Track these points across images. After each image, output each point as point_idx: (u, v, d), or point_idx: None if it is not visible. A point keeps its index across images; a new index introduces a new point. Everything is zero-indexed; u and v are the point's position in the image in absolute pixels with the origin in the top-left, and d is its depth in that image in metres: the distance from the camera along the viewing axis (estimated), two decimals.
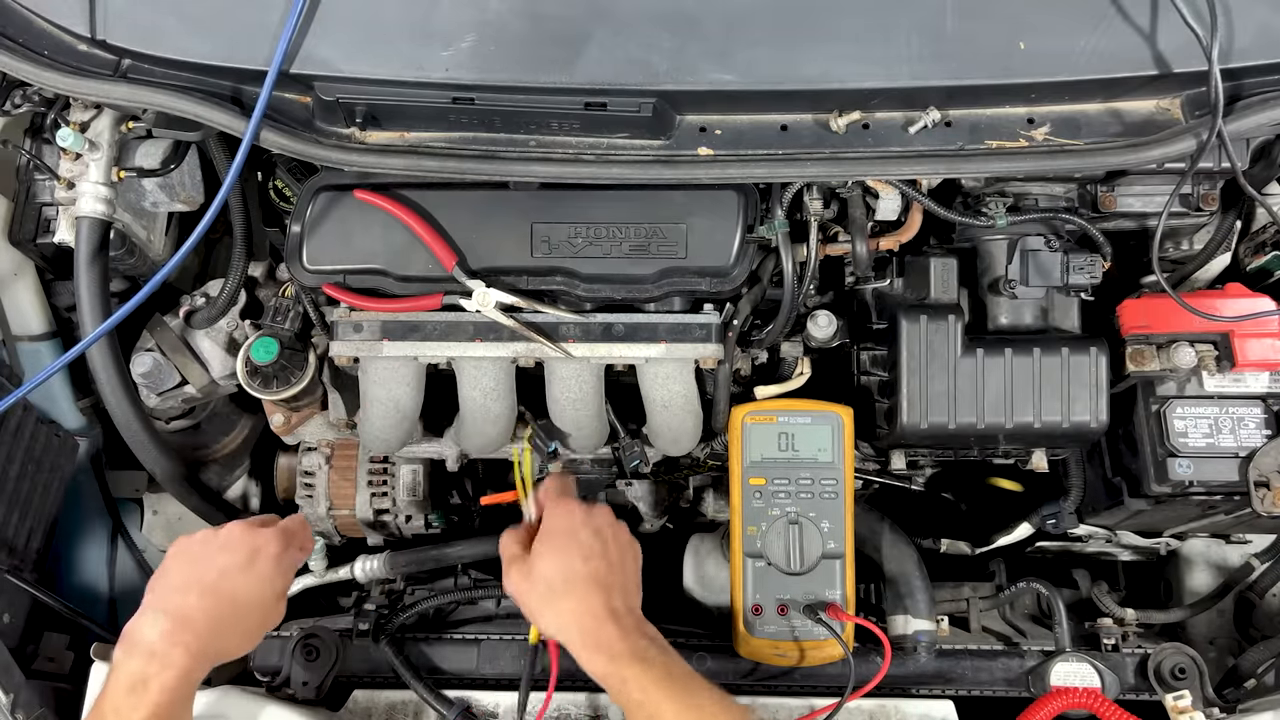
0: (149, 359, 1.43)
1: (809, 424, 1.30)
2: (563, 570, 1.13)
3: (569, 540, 1.16)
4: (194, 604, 1.08)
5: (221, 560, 1.12)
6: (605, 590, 1.12)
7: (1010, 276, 1.28)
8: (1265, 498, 1.22)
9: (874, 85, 1.14)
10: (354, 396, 1.37)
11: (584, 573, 1.13)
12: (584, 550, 1.15)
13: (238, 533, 1.15)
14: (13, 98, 1.27)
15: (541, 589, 1.13)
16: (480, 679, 1.32)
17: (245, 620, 1.12)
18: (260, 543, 1.15)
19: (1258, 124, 1.12)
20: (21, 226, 1.39)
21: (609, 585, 1.13)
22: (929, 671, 1.32)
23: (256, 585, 1.13)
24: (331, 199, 1.26)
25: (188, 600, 1.09)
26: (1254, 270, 1.42)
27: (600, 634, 1.08)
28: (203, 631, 1.07)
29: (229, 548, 1.14)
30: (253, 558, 1.13)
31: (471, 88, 1.13)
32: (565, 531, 1.17)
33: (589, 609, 1.10)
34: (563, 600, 1.12)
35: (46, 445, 1.50)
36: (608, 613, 1.10)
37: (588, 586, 1.12)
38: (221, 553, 1.13)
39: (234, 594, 1.11)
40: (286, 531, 1.18)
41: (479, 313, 1.24)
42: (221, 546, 1.14)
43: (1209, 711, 1.26)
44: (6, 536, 1.39)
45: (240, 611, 1.11)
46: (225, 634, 1.10)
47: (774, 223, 1.23)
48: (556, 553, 1.15)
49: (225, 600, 1.10)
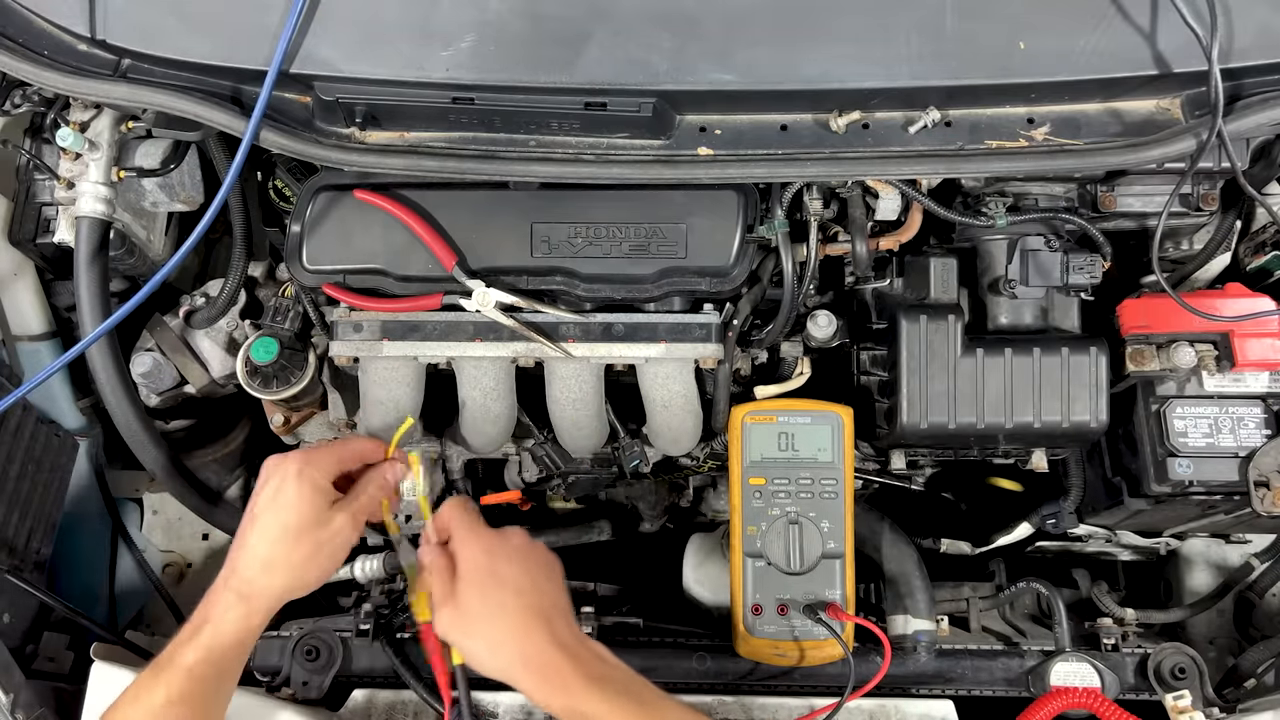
0: (149, 359, 1.43)
1: (809, 424, 1.30)
2: (494, 610, 1.05)
3: (491, 577, 1.07)
4: (245, 542, 1.07)
5: (256, 494, 1.10)
6: (544, 620, 1.06)
7: (1010, 276, 1.28)
8: (1265, 497, 1.22)
9: (874, 85, 1.14)
10: (354, 396, 1.37)
11: (517, 607, 1.06)
12: (513, 583, 1.07)
13: (267, 466, 1.12)
14: (13, 98, 1.27)
15: (478, 635, 1.06)
16: (480, 679, 1.32)
17: (290, 552, 1.07)
18: (283, 468, 1.10)
19: (1258, 124, 1.12)
20: (21, 226, 1.39)
21: (546, 614, 1.06)
22: (929, 671, 1.32)
23: (284, 512, 1.07)
24: (331, 199, 1.26)
25: (242, 540, 1.08)
26: (1254, 270, 1.42)
27: (551, 670, 1.03)
28: (249, 571, 1.06)
29: (259, 485, 1.11)
30: (278, 486, 1.09)
31: (471, 88, 1.13)
32: (486, 569, 1.08)
33: (534, 645, 1.04)
34: (504, 643, 1.05)
35: (46, 445, 1.50)
36: (554, 645, 1.04)
37: (525, 621, 1.05)
38: (256, 493, 1.10)
39: (267, 528, 1.07)
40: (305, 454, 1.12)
41: (479, 312, 1.24)
42: (258, 487, 1.11)
43: (1209, 711, 1.26)
44: (6, 536, 1.39)
45: (277, 543, 1.06)
46: (274, 570, 1.06)
47: (774, 223, 1.23)
48: (483, 593, 1.06)
49: (263, 536, 1.07)
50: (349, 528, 1.11)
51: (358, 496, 1.13)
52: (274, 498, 1.08)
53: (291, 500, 1.08)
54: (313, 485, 1.09)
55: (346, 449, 1.16)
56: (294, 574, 1.08)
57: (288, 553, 1.07)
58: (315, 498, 1.09)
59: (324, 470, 1.11)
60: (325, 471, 1.11)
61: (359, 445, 1.18)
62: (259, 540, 1.07)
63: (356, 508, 1.12)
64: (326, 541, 1.09)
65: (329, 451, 1.14)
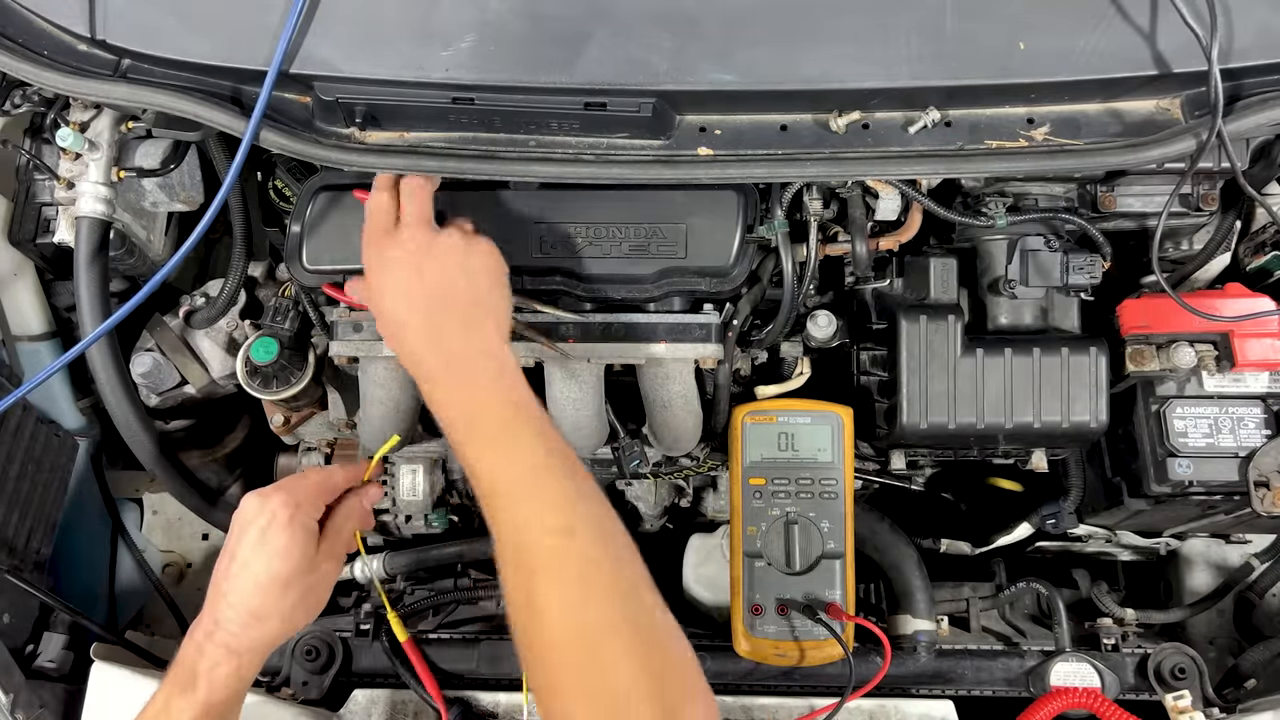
0: (149, 359, 1.43)
1: (809, 424, 1.30)
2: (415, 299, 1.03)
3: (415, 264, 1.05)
4: (225, 595, 1.03)
5: (239, 537, 1.04)
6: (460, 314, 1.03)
7: (1010, 276, 1.28)
8: (1265, 498, 1.22)
9: (874, 85, 1.14)
10: (354, 396, 1.37)
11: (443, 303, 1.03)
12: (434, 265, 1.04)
13: (249, 506, 1.06)
14: (13, 98, 1.26)
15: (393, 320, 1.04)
16: (480, 679, 1.32)
17: (280, 600, 1.03)
18: (269, 509, 1.04)
19: (1258, 124, 1.12)
20: (21, 226, 1.39)
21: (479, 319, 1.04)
22: (929, 671, 1.32)
23: (275, 560, 1.02)
24: (331, 199, 1.26)
25: (219, 591, 1.03)
26: (1254, 270, 1.42)
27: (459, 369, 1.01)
28: (237, 624, 1.02)
29: (239, 526, 1.05)
30: (265, 529, 1.03)
31: (471, 88, 1.13)
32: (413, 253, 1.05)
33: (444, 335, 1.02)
34: (421, 333, 1.03)
35: (46, 445, 1.50)
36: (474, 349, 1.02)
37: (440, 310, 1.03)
38: (237, 534, 1.05)
39: (256, 575, 1.02)
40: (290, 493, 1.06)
41: None
42: (238, 528, 1.05)
43: (1209, 711, 1.26)
44: (6, 536, 1.39)
45: (267, 593, 1.02)
46: (265, 620, 1.02)
47: (774, 223, 1.23)
48: (402, 281, 1.04)
49: (252, 584, 1.02)
50: (335, 569, 1.09)
51: (339, 534, 1.10)
52: (262, 542, 1.03)
53: (283, 547, 1.03)
54: (306, 531, 1.05)
55: (328, 482, 1.11)
56: (284, 622, 1.04)
57: (278, 601, 1.03)
58: (308, 544, 1.05)
59: (311, 511, 1.07)
60: (313, 512, 1.07)
61: (339, 476, 1.13)
62: (247, 588, 1.02)
63: (341, 544, 1.10)
64: (316, 585, 1.06)
65: (313, 490, 1.09)
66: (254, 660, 1.03)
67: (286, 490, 1.06)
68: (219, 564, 1.05)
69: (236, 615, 1.02)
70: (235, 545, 1.04)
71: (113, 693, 1.26)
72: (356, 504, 1.13)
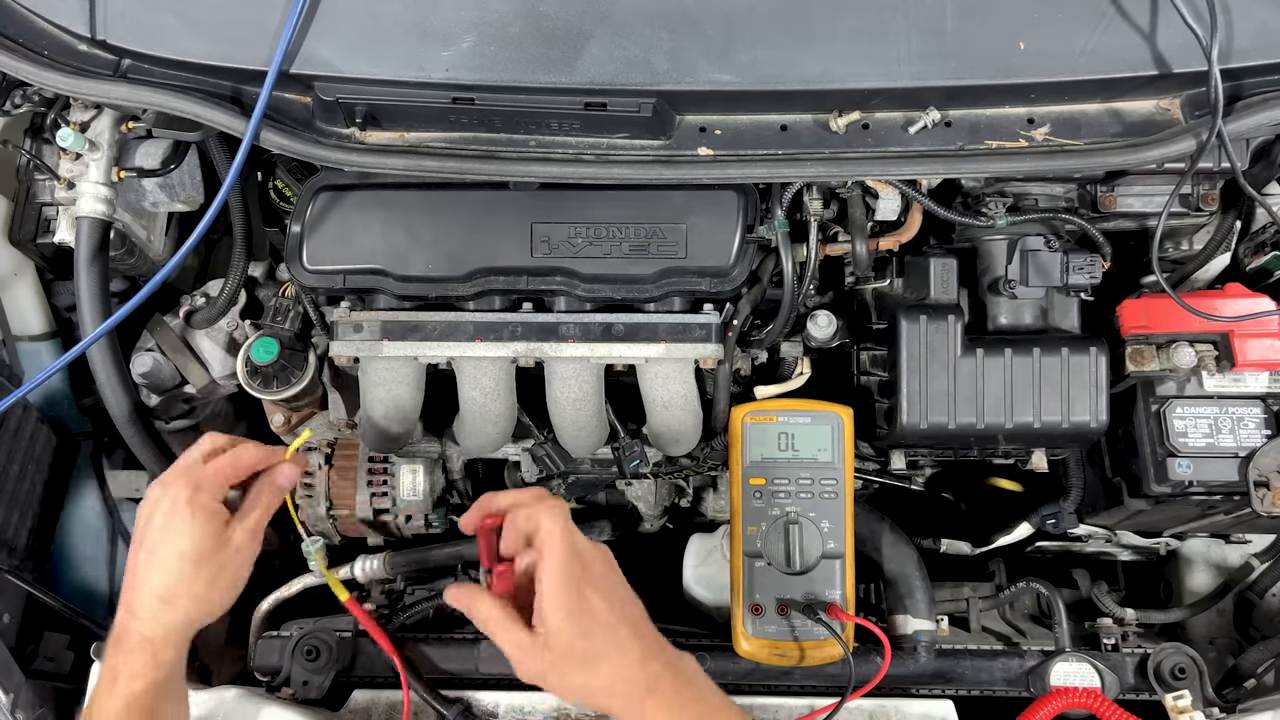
0: (149, 359, 1.43)
1: (809, 424, 1.30)
2: (585, 629, 0.98)
3: (580, 588, 0.99)
4: (137, 581, 1.03)
5: (145, 526, 1.04)
6: (640, 638, 1.00)
7: (1010, 276, 1.28)
8: (1265, 498, 1.22)
9: (874, 85, 1.14)
10: (354, 396, 1.37)
11: (612, 621, 0.98)
12: (604, 593, 1.00)
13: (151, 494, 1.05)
14: (13, 98, 1.27)
15: (568, 663, 0.97)
16: (480, 679, 1.32)
17: (191, 582, 1.02)
18: (170, 494, 1.03)
19: (1258, 124, 1.12)
20: (21, 226, 1.39)
21: (642, 631, 1.00)
22: (929, 671, 1.32)
23: (178, 541, 1.02)
24: (331, 199, 1.26)
25: (133, 580, 1.03)
26: (1254, 270, 1.42)
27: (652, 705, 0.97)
28: (146, 610, 1.02)
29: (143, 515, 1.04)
30: (168, 514, 1.03)
31: (471, 88, 1.13)
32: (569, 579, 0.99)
33: (630, 667, 0.98)
34: (596, 667, 0.98)
35: (46, 445, 1.50)
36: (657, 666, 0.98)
37: (624, 638, 0.98)
38: (142, 523, 1.04)
39: (162, 560, 1.02)
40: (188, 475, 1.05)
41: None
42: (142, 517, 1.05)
43: (1209, 711, 1.26)
44: (6, 536, 1.39)
45: (174, 575, 1.01)
46: (175, 602, 1.02)
47: (774, 223, 1.23)
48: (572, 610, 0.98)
49: (158, 569, 1.02)
50: (248, 543, 1.07)
51: (253, 509, 1.09)
52: (165, 526, 1.02)
53: (184, 528, 1.02)
54: (205, 510, 1.04)
55: (235, 463, 1.09)
56: (197, 602, 1.03)
57: (189, 583, 1.02)
58: (209, 522, 1.03)
59: (213, 491, 1.05)
60: (214, 492, 1.06)
61: (247, 456, 1.11)
62: (154, 574, 1.02)
63: (253, 521, 1.08)
64: (228, 562, 1.05)
65: (215, 469, 1.07)
66: (171, 644, 1.03)
67: (185, 473, 1.05)
68: (129, 557, 1.05)
69: (145, 601, 1.02)
70: (141, 534, 1.04)
71: None
72: (269, 482, 1.11)
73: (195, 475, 1.05)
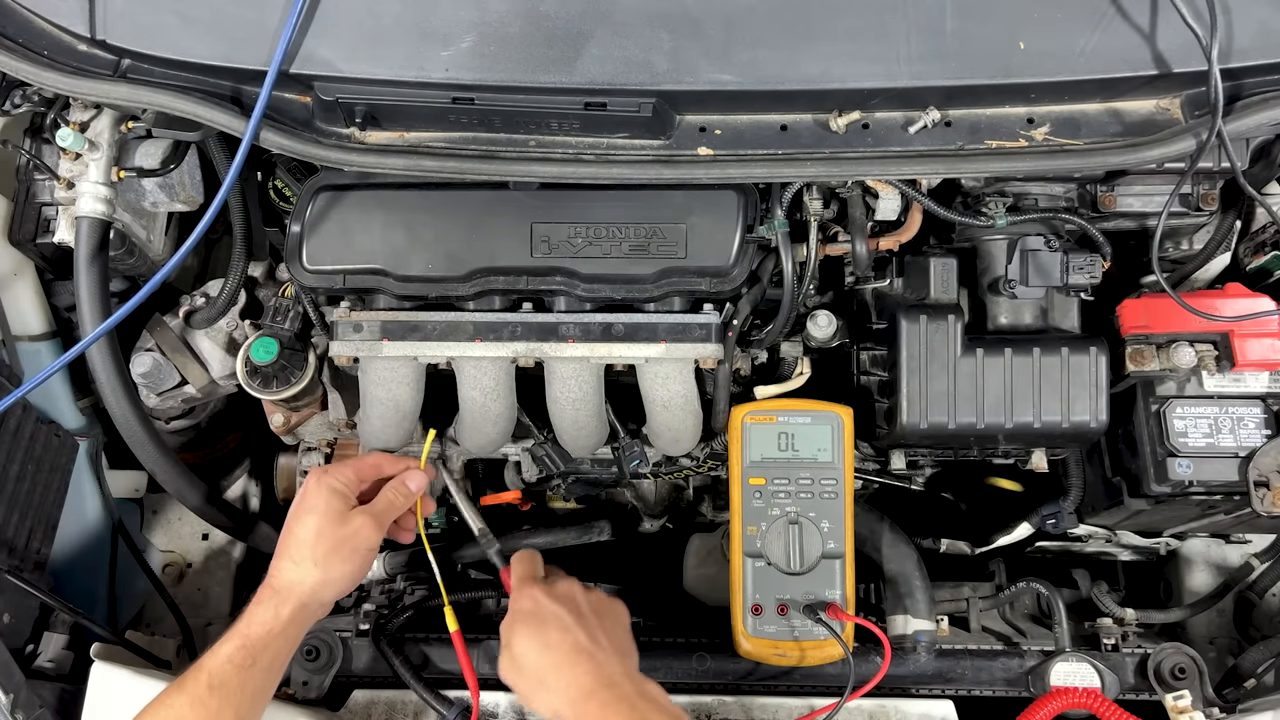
0: (149, 359, 1.43)
1: (809, 424, 1.30)
2: (537, 648, 1.11)
3: (535, 618, 1.14)
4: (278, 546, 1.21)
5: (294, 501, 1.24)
6: (591, 658, 1.09)
7: (1010, 276, 1.28)
8: (1265, 498, 1.22)
9: (874, 85, 1.14)
10: (354, 396, 1.37)
11: (563, 645, 1.10)
12: (557, 622, 1.13)
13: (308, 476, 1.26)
14: (13, 98, 1.27)
15: (527, 675, 1.11)
16: (480, 679, 1.32)
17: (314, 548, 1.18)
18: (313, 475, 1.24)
19: (1258, 124, 1.12)
20: (21, 226, 1.39)
21: (593, 653, 1.10)
22: (929, 671, 1.32)
23: (307, 515, 1.20)
24: (331, 199, 1.26)
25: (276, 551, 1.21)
26: (1254, 270, 1.42)
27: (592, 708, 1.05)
28: (279, 566, 1.18)
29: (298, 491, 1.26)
30: (303, 493, 1.23)
31: (471, 88, 1.13)
32: (530, 611, 1.15)
33: (577, 684, 1.07)
34: (549, 681, 1.09)
35: (46, 445, 1.49)
36: (599, 683, 1.06)
37: (570, 659, 1.09)
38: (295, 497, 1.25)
39: (294, 530, 1.20)
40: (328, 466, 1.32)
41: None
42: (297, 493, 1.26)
43: (1209, 711, 1.26)
44: (6, 536, 1.39)
45: (303, 541, 1.18)
46: (301, 564, 1.17)
47: (774, 223, 1.23)
48: (528, 633, 1.13)
49: (292, 537, 1.20)
50: (368, 528, 1.21)
51: (378, 502, 1.25)
52: (300, 500, 1.22)
53: (313, 502, 1.20)
54: (330, 488, 1.22)
55: (364, 462, 1.29)
56: (319, 569, 1.17)
57: (311, 549, 1.18)
58: (333, 499, 1.21)
59: (341, 477, 1.24)
60: (343, 478, 1.24)
61: (375, 459, 1.31)
62: (289, 541, 1.20)
63: (376, 511, 1.24)
64: (347, 539, 1.19)
65: (348, 463, 1.28)
66: (291, 600, 1.16)
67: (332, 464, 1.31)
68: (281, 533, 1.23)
69: (278, 561, 1.19)
70: (289, 514, 1.23)
71: (113, 693, 1.26)
72: (397, 481, 1.29)
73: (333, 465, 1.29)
